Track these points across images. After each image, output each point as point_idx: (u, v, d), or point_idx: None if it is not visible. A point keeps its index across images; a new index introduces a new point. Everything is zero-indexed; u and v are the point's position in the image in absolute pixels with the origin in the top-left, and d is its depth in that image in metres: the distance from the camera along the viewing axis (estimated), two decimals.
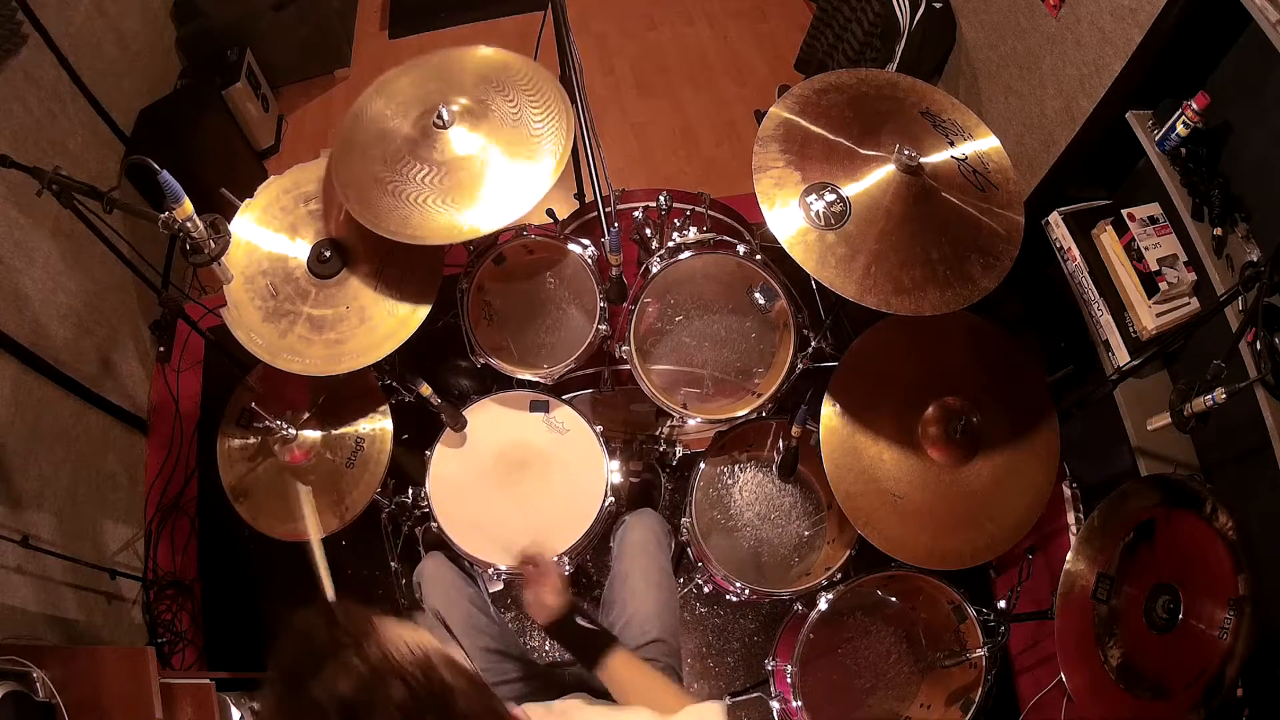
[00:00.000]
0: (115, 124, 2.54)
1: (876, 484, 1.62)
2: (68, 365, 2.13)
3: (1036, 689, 2.06)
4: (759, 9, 3.61)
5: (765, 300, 1.81)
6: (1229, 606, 1.38)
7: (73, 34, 2.35)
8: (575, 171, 2.38)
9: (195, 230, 1.57)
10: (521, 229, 1.77)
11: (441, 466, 1.77)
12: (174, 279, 2.64)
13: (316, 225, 1.79)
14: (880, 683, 1.78)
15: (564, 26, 1.82)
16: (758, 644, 2.16)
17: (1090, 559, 1.52)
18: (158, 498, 2.41)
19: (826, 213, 1.47)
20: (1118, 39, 1.90)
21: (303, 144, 3.25)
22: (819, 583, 1.73)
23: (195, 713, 1.60)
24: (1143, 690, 1.44)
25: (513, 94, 1.70)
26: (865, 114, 1.60)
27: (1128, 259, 1.94)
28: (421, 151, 1.64)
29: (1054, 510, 2.16)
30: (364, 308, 1.73)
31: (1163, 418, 1.77)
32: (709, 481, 1.89)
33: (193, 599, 2.29)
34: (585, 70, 1.82)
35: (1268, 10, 1.51)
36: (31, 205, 2.05)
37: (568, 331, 1.88)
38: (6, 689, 1.39)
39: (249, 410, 1.84)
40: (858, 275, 1.44)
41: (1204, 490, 1.45)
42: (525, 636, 2.18)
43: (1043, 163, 2.28)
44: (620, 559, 1.61)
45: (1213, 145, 1.79)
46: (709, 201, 1.88)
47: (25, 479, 1.91)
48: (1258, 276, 1.42)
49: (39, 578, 1.87)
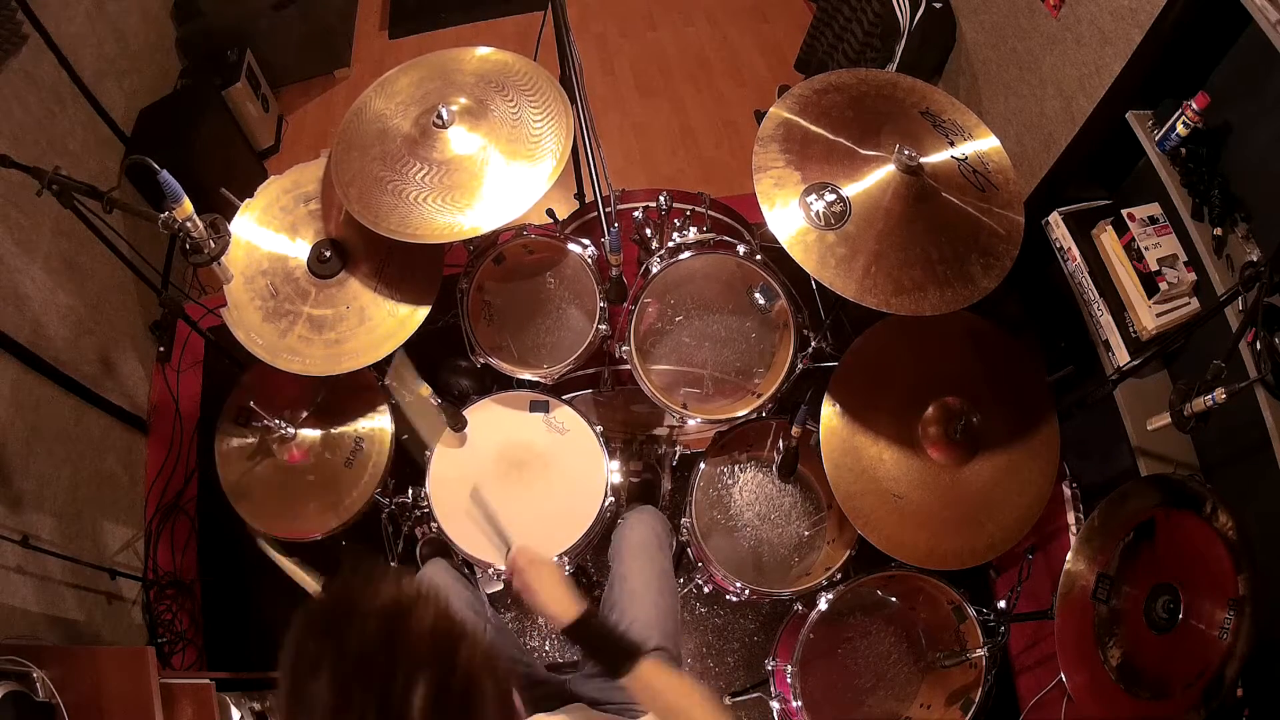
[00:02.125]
0: (115, 124, 2.54)
1: (876, 484, 1.62)
2: (68, 365, 2.13)
3: (1036, 689, 2.06)
4: (759, 9, 3.61)
5: (765, 300, 1.81)
6: (1229, 606, 1.38)
7: (73, 34, 2.35)
8: (575, 171, 2.38)
9: (195, 230, 1.57)
10: (521, 229, 1.77)
11: (441, 466, 1.77)
12: (174, 279, 2.64)
13: (316, 225, 1.79)
14: (880, 683, 1.78)
15: (564, 26, 1.82)
16: (758, 644, 2.16)
17: (1090, 559, 1.52)
18: (158, 498, 2.41)
19: (826, 213, 1.47)
20: (1118, 39, 1.90)
21: (303, 144, 3.25)
22: (819, 583, 1.73)
23: (195, 713, 1.60)
24: (1143, 690, 1.44)
25: (512, 94, 1.70)
26: (865, 114, 1.60)
27: (1128, 259, 1.94)
28: (421, 151, 1.64)
29: (1054, 510, 2.16)
30: (364, 308, 1.73)
31: (1163, 418, 1.77)
32: (709, 481, 1.89)
33: (193, 599, 2.29)
34: (585, 70, 1.82)
35: (1268, 10, 1.51)
36: (31, 205, 2.05)
37: (568, 331, 1.88)
38: (6, 689, 1.39)
39: (248, 409, 1.84)
40: (858, 275, 1.44)
41: (1204, 490, 1.45)
42: (525, 638, 2.18)
43: (1043, 163, 2.28)
44: (619, 560, 1.60)
45: (1213, 145, 1.79)
46: (709, 201, 1.88)
47: (25, 479, 1.91)
48: (1258, 276, 1.42)
49: (39, 578, 1.87)
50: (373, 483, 1.83)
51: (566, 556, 1.70)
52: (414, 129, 1.66)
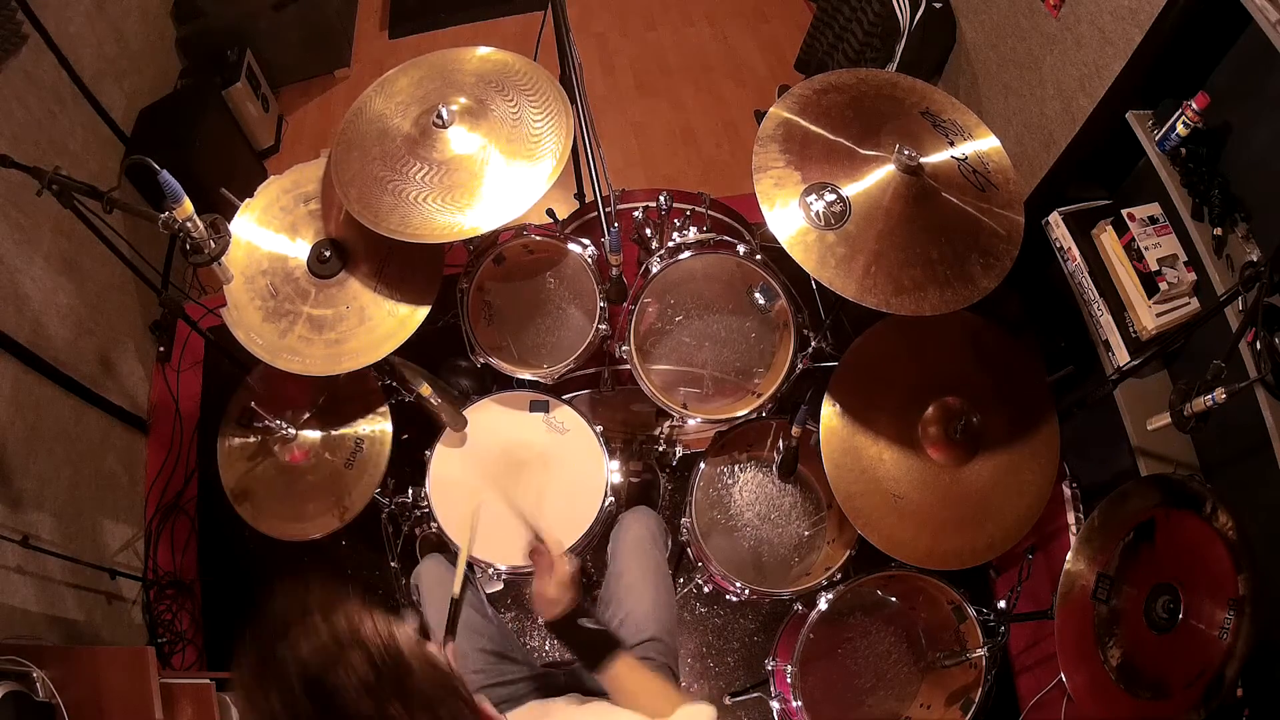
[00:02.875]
0: (115, 124, 2.54)
1: (876, 484, 1.62)
2: (68, 365, 2.13)
3: (1036, 689, 2.07)
4: (759, 9, 3.61)
5: (765, 300, 1.81)
6: (1229, 606, 1.38)
7: (73, 34, 2.35)
8: (575, 171, 2.38)
9: (195, 230, 1.57)
10: (521, 229, 1.77)
11: (441, 466, 1.77)
12: (174, 279, 2.64)
13: (316, 225, 1.79)
14: (880, 683, 1.78)
15: (564, 26, 1.82)
16: (758, 644, 2.16)
17: (1090, 559, 1.52)
18: (158, 498, 2.41)
19: (826, 213, 1.47)
20: (1118, 39, 1.90)
21: (303, 144, 3.25)
22: (819, 583, 1.73)
23: (195, 713, 1.60)
24: (1143, 690, 1.44)
25: (512, 94, 1.70)
26: (865, 114, 1.60)
27: (1128, 259, 1.93)
28: (421, 151, 1.64)
29: (1054, 510, 2.16)
30: (364, 308, 1.73)
31: (1163, 418, 1.77)
32: (709, 481, 1.89)
33: (193, 599, 2.29)
34: (585, 70, 1.82)
35: (1268, 10, 1.51)
36: (31, 205, 2.05)
37: (568, 331, 1.88)
38: (6, 689, 1.39)
39: (249, 410, 1.84)
40: (858, 275, 1.44)
41: (1204, 490, 1.45)
42: (525, 637, 2.18)
43: (1043, 163, 2.27)
44: (616, 557, 1.62)
45: (1213, 145, 1.79)
46: (709, 201, 1.88)
47: (25, 479, 1.91)
48: (1258, 276, 1.42)
49: (39, 578, 1.87)
50: (373, 483, 1.83)
51: (567, 556, 1.70)
52: (414, 129, 1.66)
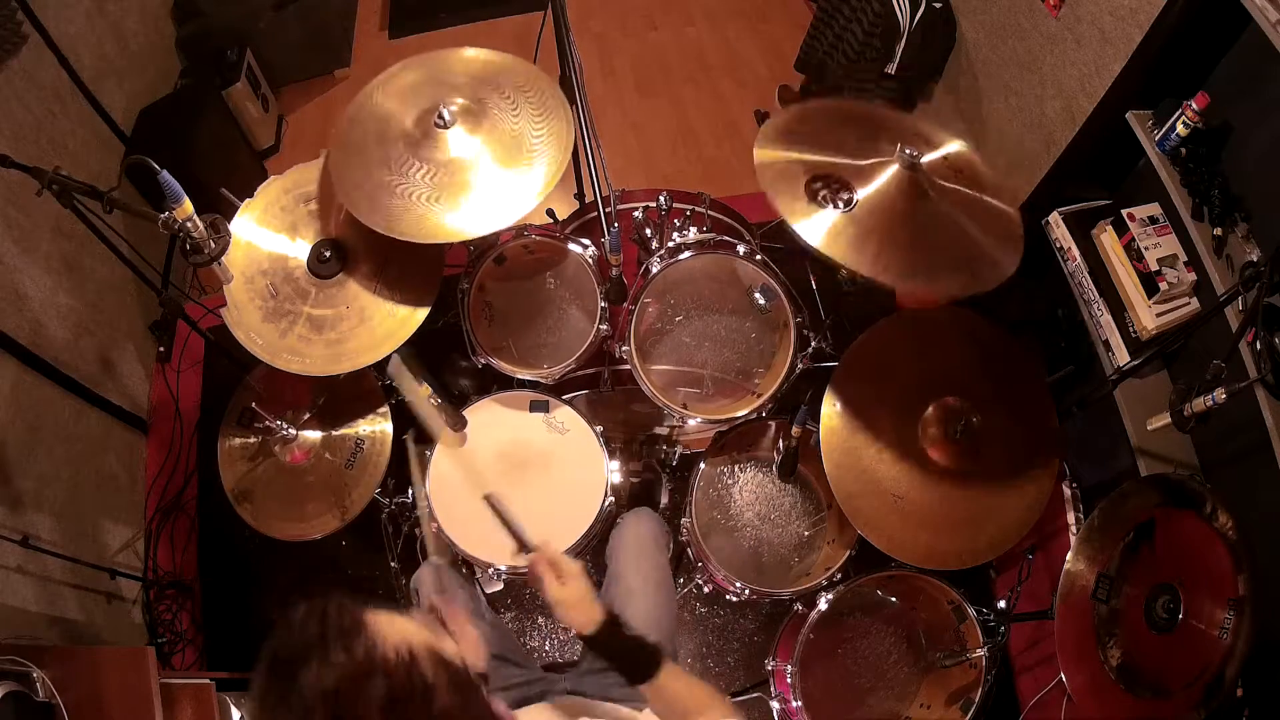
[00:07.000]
0: (115, 124, 2.53)
1: (876, 484, 1.62)
2: (68, 365, 2.13)
3: (1036, 689, 2.06)
4: (759, 9, 3.60)
5: (765, 300, 1.81)
6: (1229, 606, 1.38)
7: (73, 34, 2.35)
8: (575, 171, 2.37)
9: (195, 230, 1.57)
10: (522, 229, 1.77)
11: (441, 466, 1.77)
12: (174, 279, 2.64)
13: (316, 225, 1.79)
14: (880, 683, 1.78)
15: (564, 26, 1.82)
16: (758, 644, 2.16)
17: (1090, 559, 1.52)
18: (158, 498, 2.41)
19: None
20: (1118, 39, 1.90)
21: (303, 144, 3.24)
22: (819, 583, 1.73)
23: (195, 713, 1.60)
24: (1143, 690, 1.44)
25: (512, 95, 1.70)
26: (858, 127, 1.58)
27: (1128, 259, 1.93)
28: (422, 151, 1.64)
29: (1054, 510, 2.16)
30: (364, 308, 1.73)
31: (1163, 418, 1.77)
32: (709, 482, 1.89)
33: (193, 599, 2.29)
34: (585, 70, 1.82)
35: (1268, 10, 1.51)
36: (31, 205, 2.04)
37: (568, 331, 1.88)
38: (6, 689, 1.39)
39: (249, 410, 1.84)
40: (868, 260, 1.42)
41: (1204, 490, 1.45)
42: (525, 638, 2.18)
43: (1043, 163, 2.27)
44: (615, 559, 1.61)
45: (1213, 145, 1.79)
46: (709, 201, 1.88)
47: (25, 479, 1.90)
48: (1258, 276, 1.43)
49: (39, 578, 1.87)
50: (373, 483, 1.83)
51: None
52: (415, 129, 1.66)
